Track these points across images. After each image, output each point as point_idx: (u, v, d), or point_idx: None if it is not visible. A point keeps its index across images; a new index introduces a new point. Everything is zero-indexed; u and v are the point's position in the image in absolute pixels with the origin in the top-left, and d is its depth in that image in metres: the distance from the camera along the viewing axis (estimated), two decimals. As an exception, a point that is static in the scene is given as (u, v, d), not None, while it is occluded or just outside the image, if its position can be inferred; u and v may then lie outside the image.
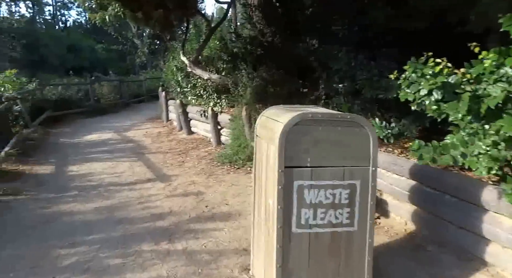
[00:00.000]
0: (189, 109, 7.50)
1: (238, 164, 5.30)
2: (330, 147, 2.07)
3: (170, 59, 9.25)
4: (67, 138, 7.60)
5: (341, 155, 2.08)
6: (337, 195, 2.11)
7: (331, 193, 2.10)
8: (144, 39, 19.56)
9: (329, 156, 2.07)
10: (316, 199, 2.09)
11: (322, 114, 2.05)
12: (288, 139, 2.00)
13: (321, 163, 2.07)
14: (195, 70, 6.09)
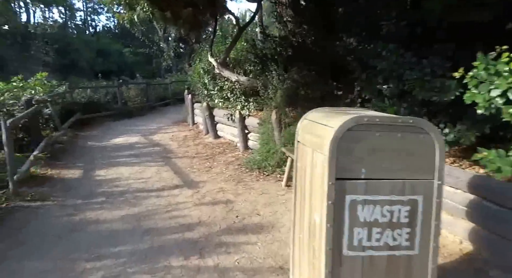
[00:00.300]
0: (216, 112, 7.34)
1: (268, 171, 5.05)
2: (389, 156, 1.78)
3: (197, 62, 9.16)
4: (95, 141, 7.64)
5: (401, 166, 1.79)
6: (396, 212, 1.82)
7: (388, 210, 1.81)
8: (170, 43, 19.79)
9: (387, 167, 1.78)
10: (371, 216, 1.81)
11: (380, 118, 1.76)
12: (340, 146, 1.72)
13: (378, 175, 1.78)
14: (223, 72, 5.91)
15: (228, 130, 7.05)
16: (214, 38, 6.88)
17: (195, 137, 8.06)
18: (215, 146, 7.00)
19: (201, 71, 8.06)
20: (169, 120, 11.11)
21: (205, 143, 7.36)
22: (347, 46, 3.71)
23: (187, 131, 8.95)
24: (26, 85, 7.49)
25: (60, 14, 52.27)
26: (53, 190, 4.46)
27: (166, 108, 14.88)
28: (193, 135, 8.30)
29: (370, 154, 1.76)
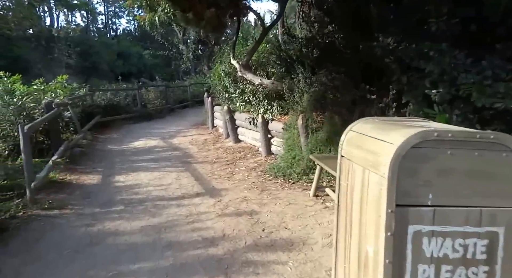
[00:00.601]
0: (237, 116, 7.11)
1: (293, 179, 4.75)
2: (463, 179, 1.47)
3: (217, 64, 8.97)
4: (114, 145, 7.55)
5: (477, 191, 1.48)
6: (470, 247, 1.51)
7: (461, 244, 1.51)
8: (189, 45, 19.79)
9: (461, 192, 1.48)
10: (440, 251, 1.51)
11: (452, 133, 1.45)
12: (403, 166, 1.43)
13: (449, 202, 1.48)
14: (246, 74, 5.67)
15: (250, 134, 6.80)
16: (237, 39, 6.63)
17: (215, 141, 7.85)
18: (236, 151, 6.76)
19: (222, 73, 7.84)
20: (188, 123, 10.98)
21: (226, 147, 7.14)
22: (386, 46, 3.37)
23: (207, 134, 8.77)
24: (47, 88, 7.48)
25: (83, 18, 53.76)
26: (71, 197, 4.32)
27: (185, 110, 14.80)
28: (213, 138, 8.10)
29: (440, 176, 1.46)
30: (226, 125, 7.51)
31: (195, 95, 16.70)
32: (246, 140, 7.07)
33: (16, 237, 3.26)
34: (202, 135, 8.70)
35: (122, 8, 59.40)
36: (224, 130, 7.76)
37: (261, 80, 5.48)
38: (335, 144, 4.56)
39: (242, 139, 7.25)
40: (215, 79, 9.06)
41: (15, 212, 3.66)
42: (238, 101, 6.90)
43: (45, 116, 4.81)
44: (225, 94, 7.97)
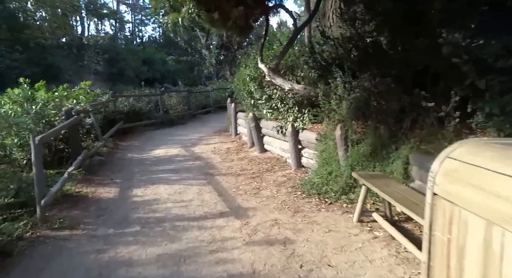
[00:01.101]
0: (263, 124, 6.60)
1: (330, 198, 4.16)
2: None
3: (241, 68, 8.54)
4: (134, 153, 7.23)
5: None
6: None
7: None
8: (212, 50, 19.60)
9: None
10: None
11: None
12: None
13: None
14: (275, 79, 5.16)
15: (277, 144, 6.27)
16: (265, 41, 6.14)
17: (239, 150, 7.36)
18: (262, 162, 6.24)
19: (247, 78, 7.38)
20: (210, 130, 10.58)
21: (251, 157, 6.63)
22: (457, 43, 2.76)
23: (230, 142, 8.30)
24: (70, 94, 7.28)
25: (111, 26, 55.54)
26: (85, 214, 3.93)
27: (207, 116, 14.49)
28: (237, 147, 7.62)
29: None
30: (251, 133, 7.02)
31: (217, 100, 16.38)
32: (273, 150, 6.53)
33: (19, 265, 2.87)
34: (225, 143, 8.25)
35: (148, 16, 61.03)
36: (249, 139, 7.27)
37: (292, 85, 4.95)
38: (380, 159, 3.95)
39: (268, 149, 6.72)
40: (239, 84, 8.62)
41: (23, 232, 3.30)
42: (265, 108, 6.40)
43: (59, 126, 4.48)
44: (250, 100, 7.50)
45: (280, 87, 5.61)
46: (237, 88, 10.05)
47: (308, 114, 5.35)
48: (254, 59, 7.50)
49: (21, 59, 33.18)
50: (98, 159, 5.96)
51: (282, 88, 5.39)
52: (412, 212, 2.52)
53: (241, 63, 8.47)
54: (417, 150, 3.64)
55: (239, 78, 8.11)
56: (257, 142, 6.77)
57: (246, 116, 7.32)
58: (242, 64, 8.30)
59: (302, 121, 5.46)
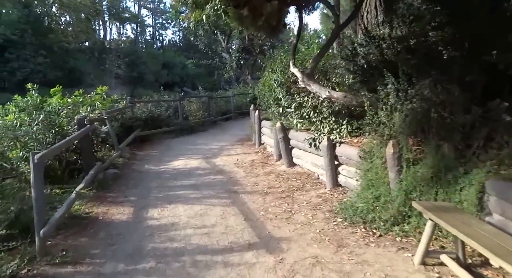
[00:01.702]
0: (292, 135, 5.95)
1: (379, 228, 3.47)
2: None
3: (267, 72, 7.96)
4: (152, 165, 6.73)
5: None
6: None
7: None
8: (233, 54, 19.15)
9: None
10: None
11: None
12: None
13: None
14: (310, 85, 4.52)
15: (308, 158, 5.61)
16: (298, 41, 5.48)
17: (264, 162, 6.74)
18: (291, 178, 5.60)
19: (274, 83, 6.78)
20: (232, 138, 10.03)
21: (278, 172, 5.99)
22: None
23: (254, 153, 7.70)
24: (86, 101, 6.89)
25: (132, 30, 56.55)
26: (92, 243, 3.40)
27: (228, 122, 13.96)
28: (262, 159, 7.00)
29: None
30: (278, 145, 6.39)
31: (238, 106, 15.86)
32: (303, 165, 5.88)
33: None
34: (249, 154, 7.65)
35: (168, 20, 61.83)
36: (275, 151, 6.64)
37: (330, 93, 4.29)
38: (444, 184, 3.23)
39: (297, 163, 6.07)
40: (264, 90, 8.04)
41: (18, 269, 2.78)
42: (295, 117, 5.76)
43: (64, 140, 3.90)
44: (277, 108, 6.89)
45: (315, 95, 4.96)
46: (261, 93, 9.47)
47: (347, 126, 4.68)
48: (281, 63, 6.90)
49: (44, 63, 33.96)
50: (112, 173, 5.48)
51: (318, 96, 4.74)
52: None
53: (266, 67, 7.88)
54: (495, 176, 2.92)
55: (264, 83, 7.52)
56: (285, 155, 6.13)
57: (273, 126, 6.70)
58: (268, 68, 7.71)
59: (339, 134, 4.79)
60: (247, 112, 16.80)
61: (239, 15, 3.80)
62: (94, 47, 45.43)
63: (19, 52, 31.89)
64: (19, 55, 31.84)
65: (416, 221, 3.31)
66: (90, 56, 44.01)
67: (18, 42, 32.14)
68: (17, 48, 31.95)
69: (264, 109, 8.95)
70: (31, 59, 32.37)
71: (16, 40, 31.91)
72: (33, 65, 32.29)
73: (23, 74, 31.59)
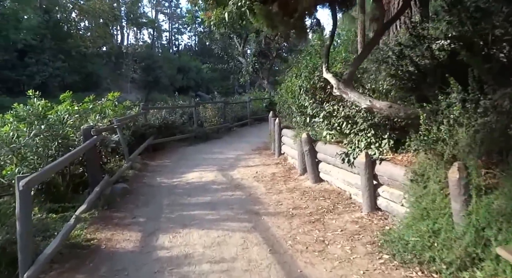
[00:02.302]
0: (320, 148, 5.30)
1: (442, 272, 2.78)
2: None
3: (290, 78, 7.37)
4: (164, 177, 6.19)
5: None
6: None
7: None
8: (249, 57, 18.63)
9: None
10: None
11: None
12: None
13: None
14: (348, 93, 3.88)
15: (339, 175, 4.95)
16: (332, 42, 4.84)
17: (287, 176, 6.11)
18: (319, 196, 4.95)
19: (298, 90, 6.17)
20: (248, 146, 9.45)
21: (303, 188, 5.35)
22: None
23: (274, 165, 7.07)
24: (96, 107, 6.43)
25: (149, 35, 57.12)
26: (90, 283, 2.85)
27: (243, 129, 13.40)
28: (283, 173, 6.37)
29: None
30: (302, 157, 5.76)
31: (254, 111, 15.31)
32: (332, 181, 5.22)
33: None
34: (268, 166, 7.03)
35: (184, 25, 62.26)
36: (299, 163, 6.00)
37: (372, 102, 3.64)
38: (531, 222, 2.52)
39: (325, 179, 5.41)
40: (285, 97, 7.45)
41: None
42: (324, 128, 5.12)
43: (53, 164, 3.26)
44: (300, 116, 6.28)
45: (348, 103, 4.32)
46: (281, 100, 8.89)
47: (389, 141, 4.00)
48: (306, 68, 6.29)
49: (63, 67, 34.37)
50: (121, 188, 4.96)
51: (352, 105, 4.09)
52: None
53: (289, 72, 7.28)
54: None
55: (287, 90, 6.92)
56: (311, 170, 5.48)
57: (296, 136, 6.07)
58: (292, 73, 7.12)
59: (379, 149, 4.11)
60: (263, 117, 16.25)
61: (267, 13, 3.22)
62: (111, 51, 45.93)
63: (38, 57, 32.38)
64: (38, 60, 32.32)
65: (492, 267, 2.61)
66: (107, 61, 44.47)
67: (38, 47, 32.67)
68: (36, 53, 32.46)
69: (284, 117, 8.36)
70: (50, 63, 32.81)
71: (36, 44, 32.43)
72: (51, 69, 32.70)
73: (42, 78, 32.03)
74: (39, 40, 32.80)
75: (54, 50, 34.28)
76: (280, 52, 19.33)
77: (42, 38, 33.27)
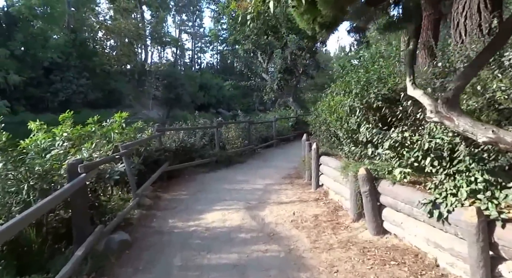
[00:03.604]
0: (385, 189, 3.91)
1: None
2: None
3: (331, 95, 6.12)
4: (178, 218, 4.94)
5: None
6: None
7: None
8: (274, 74, 17.57)
9: None
10: None
11: None
12: None
13: None
14: (453, 120, 2.53)
15: (417, 229, 3.53)
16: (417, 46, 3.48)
17: (333, 220, 4.73)
18: (387, 257, 3.54)
19: (348, 110, 4.88)
20: (277, 172, 8.17)
21: (361, 242, 3.96)
22: None
23: (313, 201, 5.70)
24: (100, 131, 5.36)
25: (173, 53, 57.95)
26: None
27: (268, 151, 12.13)
28: (328, 214, 4.99)
29: None
30: (357, 198, 4.39)
31: (279, 131, 14.05)
32: (405, 237, 3.79)
33: None
34: (306, 202, 5.67)
35: (207, 44, 63.05)
36: (352, 205, 4.61)
37: (497, 134, 2.28)
38: None
39: (391, 231, 3.99)
40: (327, 117, 6.17)
41: None
42: (394, 163, 3.76)
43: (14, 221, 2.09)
44: (349, 144, 4.95)
45: (423, 129, 2.96)
46: (316, 121, 7.61)
47: (515, 191, 2.61)
48: (359, 83, 5.02)
49: (86, 84, 34.69)
50: (118, 241, 3.72)
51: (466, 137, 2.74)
52: None
53: (334, 87, 6.02)
54: None
55: (330, 110, 5.62)
56: (371, 216, 4.08)
57: (345, 169, 4.72)
58: (334, 89, 5.87)
59: (493, 202, 2.72)
60: (288, 138, 14.97)
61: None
62: (134, 69, 46.55)
63: (63, 74, 32.86)
64: (63, 77, 32.78)
65: None
66: (130, 78, 44.97)
67: (63, 65, 33.22)
68: (61, 70, 32.98)
69: (321, 140, 7.09)
70: (74, 80, 33.22)
71: (61, 63, 33.00)
72: (75, 87, 33.04)
73: (66, 95, 32.36)
74: (65, 58, 33.39)
75: (78, 68, 34.80)
76: (306, 69, 18.17)
77: (68, 56, 33.87)
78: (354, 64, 6.52)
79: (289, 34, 16.65)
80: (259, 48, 18.00)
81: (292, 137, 15.31)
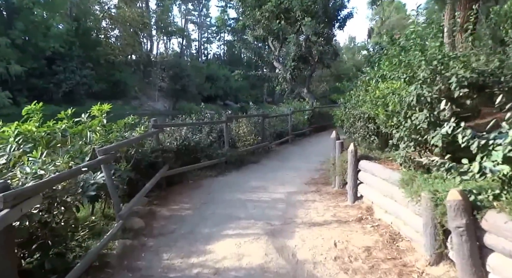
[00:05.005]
0: (493, 224, 2.49)
1: None
2: None
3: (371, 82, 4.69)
4: (177, 252, 3.58)
5: None
6: None
7: None
8: (287, 63, 16.00)
9: None
10: None
11: None
12: None
13: None
14: None
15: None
16: None
17: (395, 259, 3.33)
18: None
19: (415, 101, 3.45)
20: (297, 176, 6.83)
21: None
22: None
23: (355, 222, 4.29)
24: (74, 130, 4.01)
25: (179, 44, 56.46)
26: None
27: (283, 148, 10.73)
28: (384, 247, 3.59)
29: None
30: (436, 232, 2.99)
31: (294, 126, 12.59)
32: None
33: None
34: (346, 222, 4.27)
35: (214, 34, 61.39)
36: (429, 241, 3.18)
37: None
38: None
39: None
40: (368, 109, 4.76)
41: None
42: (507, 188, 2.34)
43: None
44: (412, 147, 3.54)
45: None
46: (348, 115, 6.20)
47: None
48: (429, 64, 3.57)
49: (90, 75, 33.52)
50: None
51: None
52: None
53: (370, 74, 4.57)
54: None
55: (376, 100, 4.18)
56: (468, 264, 2.66)
57: (410, 186, 3.31)
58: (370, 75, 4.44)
59: None
60: (303, 133, 13.53)
61: None
62: (139, 60, 45.24)
63: (66, 64, 31.70)
64: (66, 67, 31.62)
65: None
66: (135, 69, 43.69)
67: (66, 55, 32.03)
68: (64, 61, 31.81)
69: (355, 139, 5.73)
70: (77, 71, 32.05)
71: (64, 52, 31.79)
72: (79, 77, 31.89)
73: (69, 86, 31.24)
74: (68, 48, 32.17)
75: (82, 58, 33.60)
76: (322, 56, 16.57)
77: (71, 46, 32.65)
78: (402, 43, 5.07)
79: (304, 16, 15.06)
80: (270, 34, 16.43)
81: (308, 132, 13.89)
